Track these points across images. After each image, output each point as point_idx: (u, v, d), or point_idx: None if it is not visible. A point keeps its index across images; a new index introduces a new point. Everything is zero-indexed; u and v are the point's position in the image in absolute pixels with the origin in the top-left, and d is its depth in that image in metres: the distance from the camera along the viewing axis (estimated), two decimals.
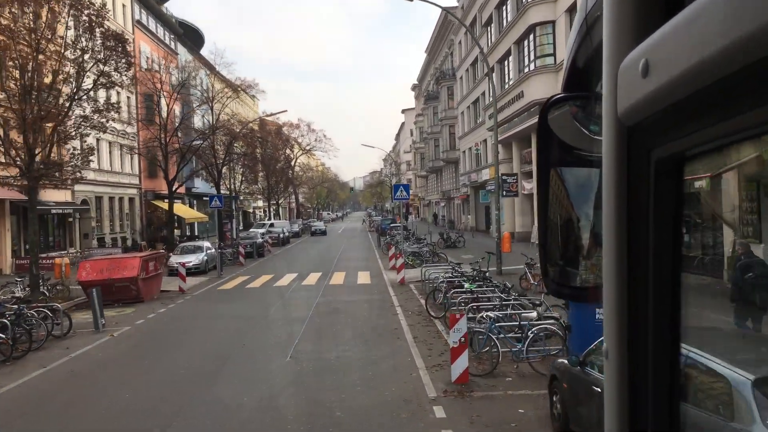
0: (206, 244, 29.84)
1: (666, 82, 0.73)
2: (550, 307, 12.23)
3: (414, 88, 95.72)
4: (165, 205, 46.36)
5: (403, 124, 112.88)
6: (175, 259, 28.48)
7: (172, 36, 53.95)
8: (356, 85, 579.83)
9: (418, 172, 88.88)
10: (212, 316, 16.88)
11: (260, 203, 79.91)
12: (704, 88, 0.69)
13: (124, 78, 23.91)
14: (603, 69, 0.92)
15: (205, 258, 28.76)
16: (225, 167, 48.65)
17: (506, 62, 38.12)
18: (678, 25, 0.71)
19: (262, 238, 39.94)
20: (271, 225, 54.64)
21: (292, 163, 79.21)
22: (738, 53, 0.61)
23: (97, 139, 40.04)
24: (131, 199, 45.84)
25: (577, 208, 1.36)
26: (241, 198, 72.86)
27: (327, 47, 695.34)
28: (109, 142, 40.95)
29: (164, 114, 34.20)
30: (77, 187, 37.39)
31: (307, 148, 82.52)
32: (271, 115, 54.29)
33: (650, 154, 0.86)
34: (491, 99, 42.98)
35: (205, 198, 54.78)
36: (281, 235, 48.79)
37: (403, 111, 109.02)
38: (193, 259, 28.41)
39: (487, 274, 16.41)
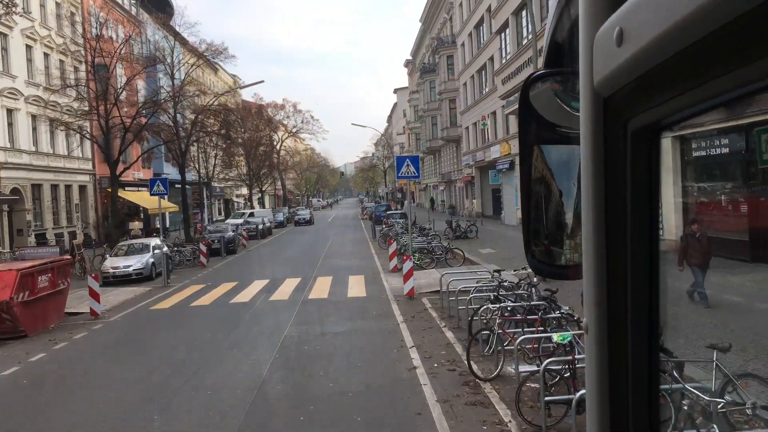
0: (154, 241, 23.22)
1: (639, 50, 0.73)
2: None
3: (407, 64, 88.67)
4: (125, 194, 39.85)
5: (395, 104, 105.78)
6: (110, 263, 21.99)
7: (133, 0, 47.02)
8: (346, 71, 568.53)
9: (413, 154, 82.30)
10: (103, 375, 10.12)
11: (244, 190, 73.10)
12: (676, 54, 0.68)
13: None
14: (579, 40, 0.91)
15: (151, 260, 22.23)
16: (193, 148, 42.04)
17: (523, 13, 31.53)
18: None
19: (235, 231, 33.33)
20: (251, 214, 47.96)
21: (277, 146, 72.46)
22: (708, 16, 0.61)
23: (33, 116, 33.31)
24: (82, 187, 39.06)
25: (559, 185, 1.33)
26: (221, 185, 66.25)
27: (316, 33, 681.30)
28: (51, 120, 34.05)
29: (106, 80, 27.41)
30: (4, 173, 30.63)
31: (293, 130, 75.81)
32: (246, 86, 47.35)
33: (627, 125, 0.85)
34: (504, 60, 36.52)
35: (177, 186, 47.97)
36: (260, 227, 42.11)
37: (396, 90, 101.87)
38: (133, 263, 21.91)
39: (553, 292, 9.94)
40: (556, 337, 6.78)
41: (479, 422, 6.90)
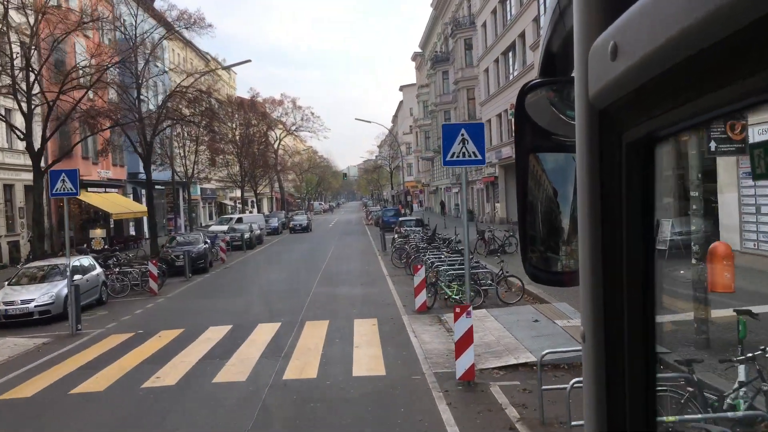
0: (72, 261, 16.08)
1: (634, 64, 0.74)
2: None
3: (415, 57, 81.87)
4: (87, 196, 33.13)
5: (401, 102, 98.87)
6: (2, 297, 15.07)
7: None
8: (345, 69, 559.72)
9: (421, 154, 75.15)
10: None
11: (239, 193, 66.26)
12: (670, 68, 0.70)
13: None
14: (574, 52, 0.93)
15: (64, 292, 15.25)
16: (169, 141, 35.26)
17: None
18: (644, 6, 0.72)
19: (210, 242, 26.35)
20: (238, 220, 41.08)
21: (275, 145, 65.67)
22: (702, 32, 0.62)
23: None
24: (30, 188, 32.09)
25: (556, 192, 1.35)
26: (211, 186, 59.47)
27: (314, 32, 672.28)
28: None
29: (23, 41, 20.54)
30: None
31: (292, 128, 68.95)
32: (229, 66, 40.49)
33: (621, 138, 0.86)
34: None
35: (159, 187, 41.15)
36: (247, 235, 35.10)
37: (402, 88, 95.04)
38: (37, 296, 14.98)
39: None
40: None
41: None
